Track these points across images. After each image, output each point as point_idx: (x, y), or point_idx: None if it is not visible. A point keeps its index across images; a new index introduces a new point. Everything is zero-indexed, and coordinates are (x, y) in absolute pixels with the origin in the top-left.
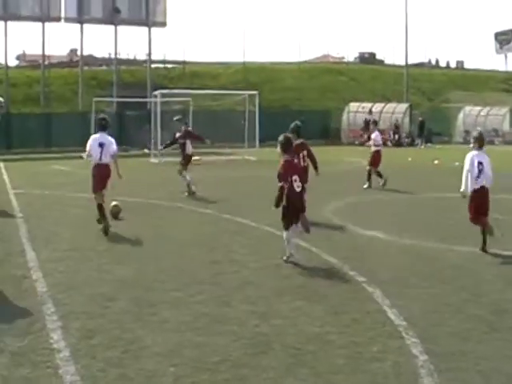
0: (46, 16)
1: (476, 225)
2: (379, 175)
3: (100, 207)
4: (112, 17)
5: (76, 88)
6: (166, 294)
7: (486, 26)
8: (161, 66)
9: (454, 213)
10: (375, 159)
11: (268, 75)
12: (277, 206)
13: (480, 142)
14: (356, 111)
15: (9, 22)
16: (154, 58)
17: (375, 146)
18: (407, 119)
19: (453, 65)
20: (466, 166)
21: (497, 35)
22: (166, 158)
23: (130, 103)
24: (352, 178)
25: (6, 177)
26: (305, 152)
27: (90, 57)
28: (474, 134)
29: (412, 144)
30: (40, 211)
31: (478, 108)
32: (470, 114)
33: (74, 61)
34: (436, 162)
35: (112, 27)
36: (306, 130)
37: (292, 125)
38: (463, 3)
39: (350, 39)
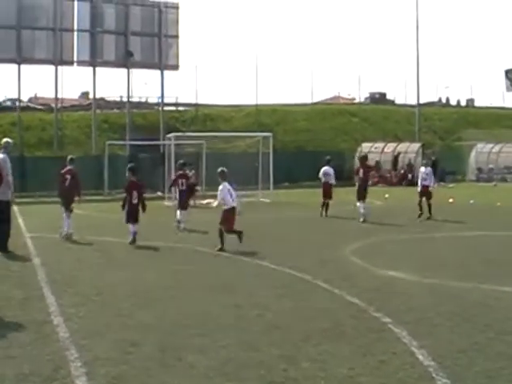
0: (58, 59)
1: None
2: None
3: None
4: (125, 60)
5: (88, 131)
6: (190, 338)
7: (495, 64)
8: (173, 108)
9: (473, 251)
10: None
11: (280, 117)
12: None
13: None
14: (369, 151)
15: (22, 66)
16: (166, 100)
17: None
18: (420, 159)
19: (463, 103)
20: None
21: (507, 72)
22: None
23: (143, 146)
24: (370, 218)
25: (21, 220)
26: None
27: (102, 100)
28: None
29: None
30: (58, 255)
31: (490, 145)
32: (482, 152)
33: (85, 104)
34: (451, 200)
35: (124, 70)
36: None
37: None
38: (473, 41)
39: (359, 80)
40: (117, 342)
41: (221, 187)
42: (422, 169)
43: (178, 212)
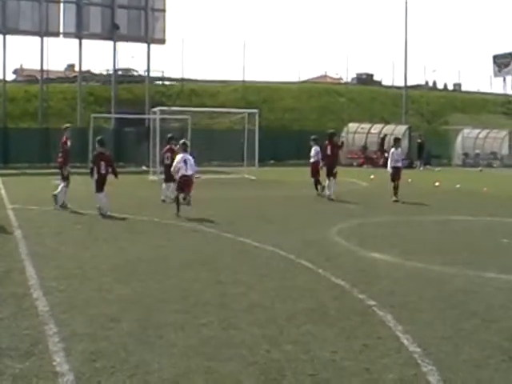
0: (44, 31)
1: None
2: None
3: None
4: (111, 33)
5: (74, 103)
6: (171, 315)
7: (483, 49)
8: (159, 83)
9: (460, 236)
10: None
11: (267, 95)
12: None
13: None
14: (355, 132)
15: (7, 36)
16: (152, 74)
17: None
18: (406, 141)
19: (450, 87)
20: None
21: (495, 58)
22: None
23: (129, 120)
24: (354, 199)
25: (3, 191)
26: None
27: (88, 72)
28: None
29: (411, 166)
30: (39, 228)
31: (477, 131)
32: (469, 137)
33: (71, 76)
34: (437, 184)
35: (111, 43)
36: (306, 150)
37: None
38: (461, 26)
39: (347, 59)
40: (96, 317)
41: (177, 158)
42: (394, 150)
43: (164, 185)
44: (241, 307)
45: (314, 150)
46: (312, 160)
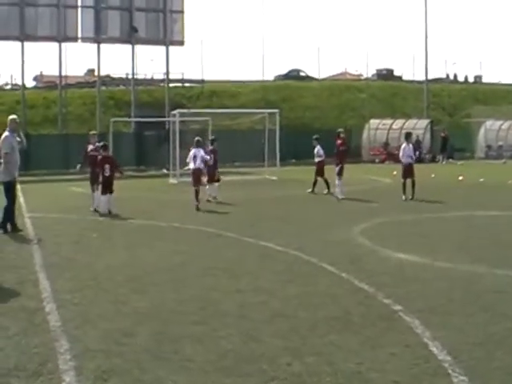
0: (62, 36)
1: None
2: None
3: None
4: (129, 36)
5: (93, 108)
6: (188, 327)
7: (504, 40)
8: (179, 85)
9: (486, 232)
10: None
11: (287, 93)
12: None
13: None
14: (376, 128)
15: (26, 43)
16: (171, 77)
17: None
18: (428, 135)
19: (471, 79)
20: None
21: None
22: (185, 179)
23: (148, 123)
24: (377, 197)
25: (22, 199)
26: None
27: (108, 77)
28: None
29: (433, 160)
30: (56, 236)
31: (500, 122)
32: (491, 129)
33: (90, 81)
34: (460, 178)
35: (129, 46)
36: (329, 147)
37: None
38: (481, 17)
39: (367, 55)
40: (110, 332)
41: (190, 153)
42: (406, 145)
43: (208, 187)
44: (262, 317)
45: (317, 149)
46: (317, 159)
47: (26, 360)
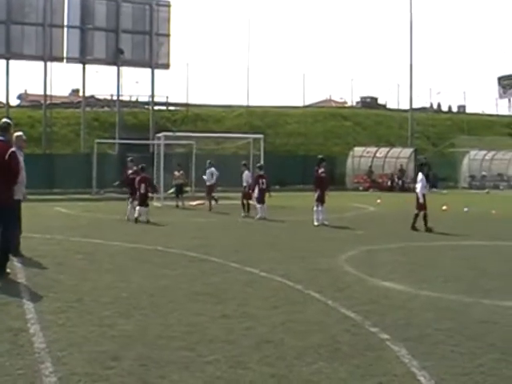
0: (48, 55)
1: None
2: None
3: None
4: (115, 58)
5: (78, 129)
6: (175, 352)
7: (488, 71)
8: (163, 108)
9: (473, 262)
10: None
11: (272, 119)
12: None
13: None
14: (360, 156)
15: (11, 61)
16: (156, 99)
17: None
18: (412, 164)
19: (454, 109)
20: None
21: (500, 79)
22: (169, 202)
23: (133, 145)
24: (362, 225)
25: None
26: None
27: (92, 97)
28: None
29: None
30: (41, 257)
31: (483, 152)
32: (475, 159)
33: (75, 102)
34: (444, 207)
35: (115, 68)
36: (312, 175)
37: None
38: (465, 48)
39: (352, 83)
40: (96, 355)
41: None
42: (423, 175)
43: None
44: (249, 343)
45: (246, 175)
46: (244, 184)
47: (11, 382)
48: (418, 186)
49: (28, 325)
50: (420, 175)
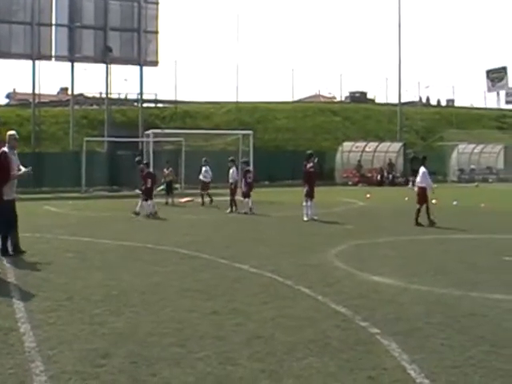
0: (36, 54)
1: None
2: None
3: None
4: (103, 55)
5: (67, 127)
6: (166, 349)
7: (477, 64)
8: (152, 105)
9: (462, 255)
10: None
11: (261, 115)
12: None
13: None
14: (349, 151)
15: None
16: (145, 97)
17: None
18: (401, 158)
19: (443, 103)
20: None
21: (488, 73)
22: (158, 199)
23: (122, 143)
24: (352, 220)
25: None
26: None
27: (81, 96)
28: None
29: (407, 183)
30: (30, 256)
31: (472, 146)
32: (464, 152)
33: (64, 100)
34: (434, 201)
35: (103, 66)
36: (301, 170)
37: None
38: (454, 41)
39: (341, 78)
40: (86, 353)
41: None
42: (425, 169)
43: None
44: (239, 339)
45: (233, 171)
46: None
47: (2, 381)
48: (421, 180)
49: (18, 324)
50: (422, 169)
